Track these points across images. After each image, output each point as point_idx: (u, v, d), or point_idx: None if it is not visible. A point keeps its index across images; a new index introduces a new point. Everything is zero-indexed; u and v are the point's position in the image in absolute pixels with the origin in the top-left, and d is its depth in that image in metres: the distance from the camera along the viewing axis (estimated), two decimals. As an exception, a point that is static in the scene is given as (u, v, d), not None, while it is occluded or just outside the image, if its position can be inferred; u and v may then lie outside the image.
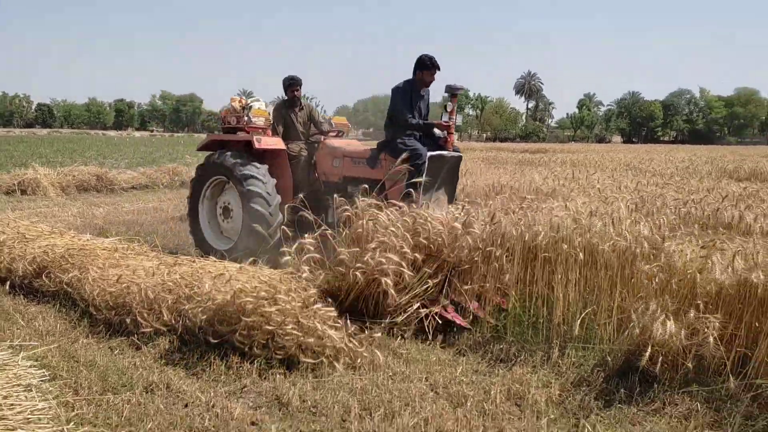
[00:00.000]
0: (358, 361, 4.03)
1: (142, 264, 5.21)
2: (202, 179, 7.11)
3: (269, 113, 7.36)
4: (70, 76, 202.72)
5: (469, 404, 3.52)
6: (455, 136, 6.21)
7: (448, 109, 5.96)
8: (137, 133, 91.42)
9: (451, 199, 6.25)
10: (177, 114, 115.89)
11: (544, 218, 4.69)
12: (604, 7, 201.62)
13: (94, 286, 5.00)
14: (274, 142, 6.88)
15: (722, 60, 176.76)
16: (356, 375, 3.89)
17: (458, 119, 6.17)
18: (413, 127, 6.06)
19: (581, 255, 4.31)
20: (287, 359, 3.96)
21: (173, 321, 4.45)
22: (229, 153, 6.69)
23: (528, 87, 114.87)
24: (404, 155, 5.68)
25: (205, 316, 4.23)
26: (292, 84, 7.28)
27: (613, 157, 17.05)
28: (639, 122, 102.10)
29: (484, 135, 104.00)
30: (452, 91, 5.94)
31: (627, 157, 18.38)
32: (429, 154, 5.76)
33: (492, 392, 3.65)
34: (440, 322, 4.59)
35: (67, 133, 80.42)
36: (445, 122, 6.01)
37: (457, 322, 4.63)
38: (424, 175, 5.66)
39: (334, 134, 7.41)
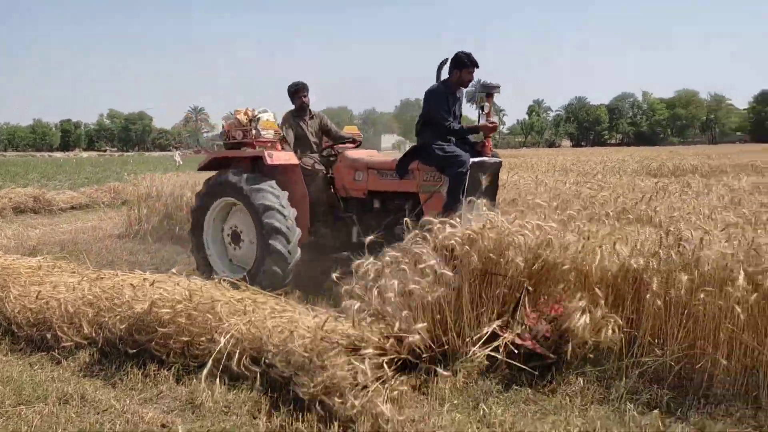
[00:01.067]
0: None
1: (63, 280, 5.22)
2: (206, 202, 6.32)
3: (279, 125, 6.64)
4: (12, 98, 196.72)
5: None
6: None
7: (485, 110, 5.46)
8: (85, 154, 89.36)
9: (492, 209, 5.62)
10: (126, 133, 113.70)
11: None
12: (548, 14, 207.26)
13: (16, 304, 5.00)
14: (288, 157, 6.12)
15: (663, 62, 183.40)
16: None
17: (495, 120, 5.63)
18: (455, 133, 5.55)
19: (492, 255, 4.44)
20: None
21: (94, 334, 4.49)
22: (244, 175, 5.92)
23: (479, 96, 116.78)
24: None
25: (123, 326, 4.29)
26: (298, 90, 6.60)
27: (551, 160, 17.65)
28: (586, 126, 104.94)
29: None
30: (488, 90, 5.46)
31: (566, 159, 19.03)
32: (471, 160, 5.28)
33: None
34: (516, 351, 3.85)
35: (11, 156, 78.03)
36: (491, 123, 5.50)
37: (537, 350, 3.90)
38: (466, 185, 5.21)
39: (352, 145, 6.66)
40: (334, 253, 6.03)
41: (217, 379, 3.78)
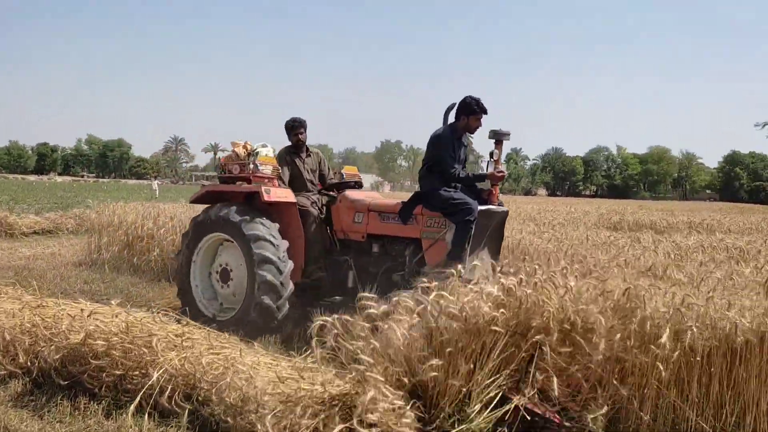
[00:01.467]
0: None
1: (5, 307, 5.14)
2: (197, 236, 6.07)
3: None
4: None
5: None
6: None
7: (494, 157, 5.31)
8: (59, 178, 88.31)
9: (496, 259, 5.49)
10: (104, 159, 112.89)
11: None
12: (527, 62, 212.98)
13: (-49, 332, 4.89)
14: (285, 194, 5.90)
15: (637, 118, 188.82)
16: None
17: (503, 168, 5.47)
18: (461, 180, 5.39)
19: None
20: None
21: (29, 363, 4.41)
22: (234, 207, 5.72)
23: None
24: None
25: (58, 356, 4.23)
26: (295, 126, 6.43)
27: (519, 208, 17.98)
28: (562, 177, 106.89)
29: (416, 187, 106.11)
30: (498, 137, 5.33)
31: (534, 208, 19.40)
32: (479, 208, 5.15)
33: None
34: (528, 417, 3.42)
35: (-17, 177, 76.77)
36: (500, 173, 5.35)
37: (553, 419, 3.49)
38: (472, 233, 5.07)
39: (352, 185, 6.46)
40: (328, 297, 5.94)
41: (146, 415, 3.73)
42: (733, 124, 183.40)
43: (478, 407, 3.37)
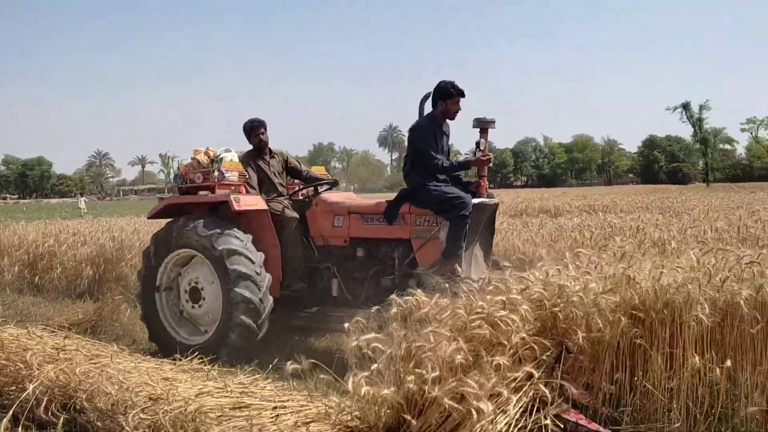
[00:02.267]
0: None
1: None
2: (161, 254, 5.57)
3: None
4: None
5: None
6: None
7: (481, 147, 5.10)
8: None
9: (488, 255, 5.36)
10: (23, 179, 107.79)
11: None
12: (454, 58, 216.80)
13: None
14: (255, 202, 5.47)
15: (562, 109, 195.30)
16: None
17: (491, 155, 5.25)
18: (446, 170, 5.15)
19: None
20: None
21: None
22: (201, 220, 5.28)
23: (390, 139, 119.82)
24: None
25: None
26: (254, 127, 5.98)
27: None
28: (494, 169, 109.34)
29: (351, 187, 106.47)
30: (483, 125, 5.09)
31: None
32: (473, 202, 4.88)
33: None
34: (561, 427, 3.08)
35: None
36: (485, 156, 5.09)
37: (588, 425, 3.18)
38: (467, 229, 4.82)
39: (327, 186, 6.03)
40: (307, 309, 5.66)
41: (20, 427, 3.75)
42: (651, 110, 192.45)
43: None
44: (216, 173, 5.52)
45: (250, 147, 6.08)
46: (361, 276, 5.35)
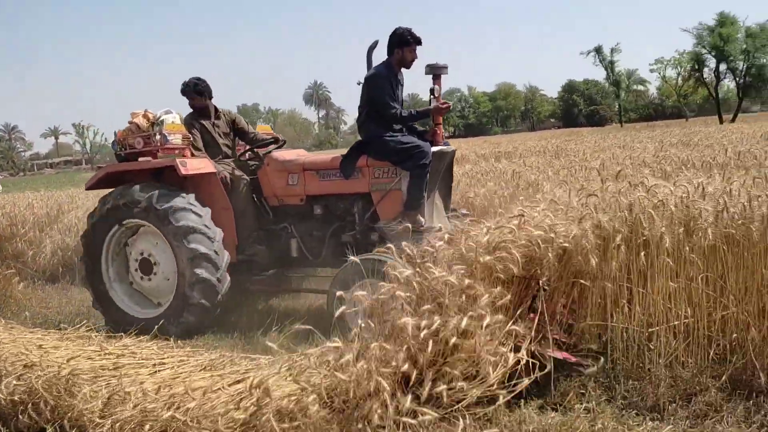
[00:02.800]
0: None
1: None
2: (104, 227, 5.30)
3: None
4: None
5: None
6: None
7: (435, 94, 4.95)
8: None
9: (448, 203, 5.37)
10: None
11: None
12: (373, 11, 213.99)
13: None
14: (203, 165, 5.22)
15: (483, 58, 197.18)
16: None
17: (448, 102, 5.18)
18: (403, 120, 4.99)
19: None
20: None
21: None
22: (149, 188, 5.04)
23: (317, 96, 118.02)
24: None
25: None
26: (189, 88, 5.68)
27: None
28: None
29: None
30: (436, 72, 4.96)
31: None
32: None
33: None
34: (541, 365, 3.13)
35: None
36: (444, 104, 5.00)
37: (568, 359, 3.35)
38: (428, 178, 4.74)
39: (276, 145, 5.78)
40: (263, 272, 5.53)
41: None
42: (569, 55, 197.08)
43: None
44: (158, 137, 5.20)
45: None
46: (321, 234, 5.23)
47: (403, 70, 5.16)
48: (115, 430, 2.83)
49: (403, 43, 5.00)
